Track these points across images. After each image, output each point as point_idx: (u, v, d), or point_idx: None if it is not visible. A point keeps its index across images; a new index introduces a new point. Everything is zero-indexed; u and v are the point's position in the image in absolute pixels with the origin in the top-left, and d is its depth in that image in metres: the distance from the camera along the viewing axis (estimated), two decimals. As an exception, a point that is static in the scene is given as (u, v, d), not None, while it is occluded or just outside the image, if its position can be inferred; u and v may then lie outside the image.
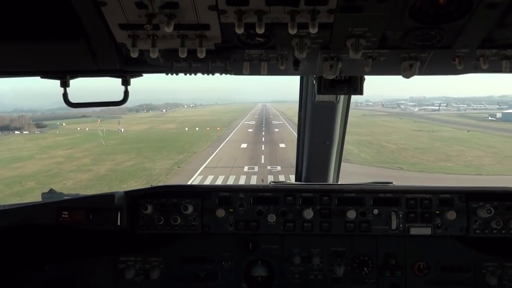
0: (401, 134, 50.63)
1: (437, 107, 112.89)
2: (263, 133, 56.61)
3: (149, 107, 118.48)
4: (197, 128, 63.23)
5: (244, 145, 42.52)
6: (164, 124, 78.02)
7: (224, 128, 66.33)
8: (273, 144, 41.85)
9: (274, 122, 78.17)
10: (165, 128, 67.62)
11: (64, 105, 1.95)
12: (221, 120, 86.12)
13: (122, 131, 59.02)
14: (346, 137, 3.45)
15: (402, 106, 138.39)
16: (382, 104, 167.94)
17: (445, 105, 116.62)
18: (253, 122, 77.66)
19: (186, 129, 63.16)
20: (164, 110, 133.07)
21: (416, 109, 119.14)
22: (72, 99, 1.96)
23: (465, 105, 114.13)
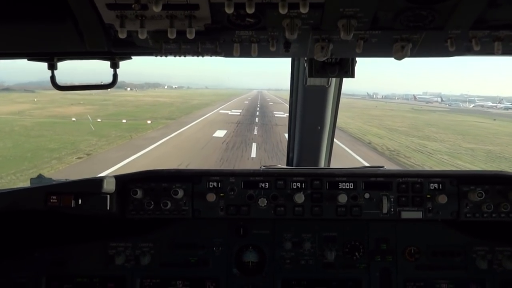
0: None
1: (510, 105, 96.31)
2: (254, 146, 22.01)
3: (119, 86, 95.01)
4: (99, 120, 33.13)
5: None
6: (70, 106, 46.11)
7: (164, 123, 33.19)
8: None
9: (277, 114, 40.56)
10: (48, 115, 37.35)
11: (36, 80, 1.11)
12: (184, 105, 57.11)
13: None
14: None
15: (445, 100, 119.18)
16: (415, 97, 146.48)
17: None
18: (238, 112, 46.19)
19: (74, 119, 33.34)
20: (128, 89, 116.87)
21: (471, 106, 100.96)
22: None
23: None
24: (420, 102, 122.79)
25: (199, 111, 44.71)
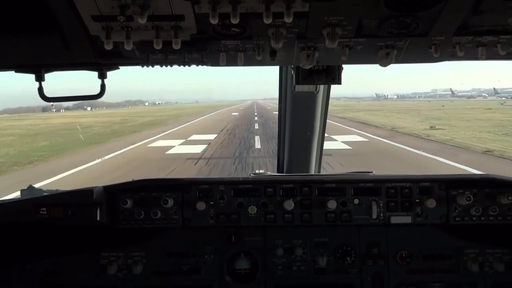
0: None
1: None
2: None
3: (78, 105, 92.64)
4: None
5: None
6: None
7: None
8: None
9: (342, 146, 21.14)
10: None
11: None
12: (104, 130, 36.89)
13: None
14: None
15: (500, 93, 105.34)
16: (452, 92, 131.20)
17: None
18: (202, 147, 20.75)
19: None
20: (89, 108, 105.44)
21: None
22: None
23: None
24: (458, 97, 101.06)
25: (91, 149, 17.30)
